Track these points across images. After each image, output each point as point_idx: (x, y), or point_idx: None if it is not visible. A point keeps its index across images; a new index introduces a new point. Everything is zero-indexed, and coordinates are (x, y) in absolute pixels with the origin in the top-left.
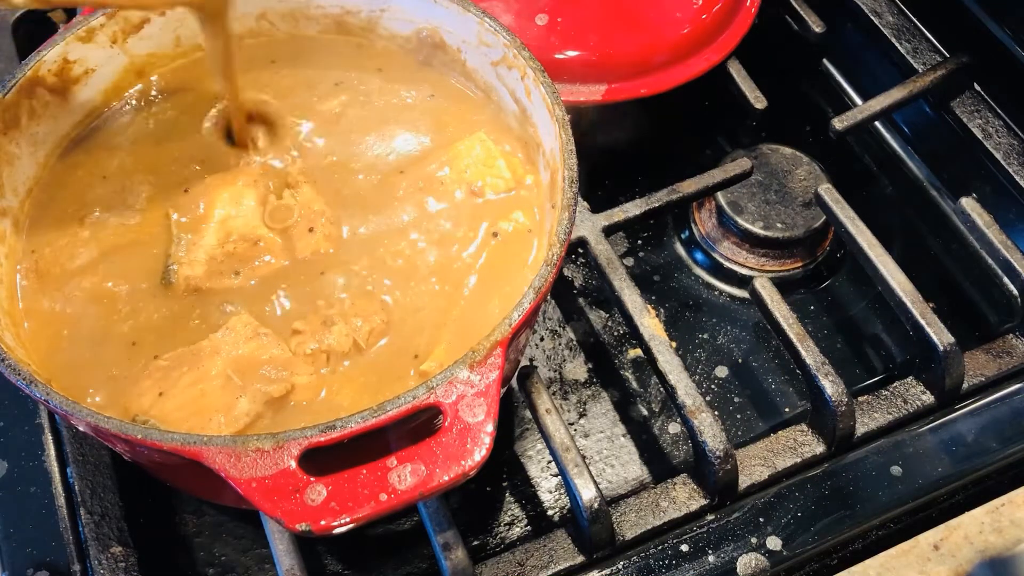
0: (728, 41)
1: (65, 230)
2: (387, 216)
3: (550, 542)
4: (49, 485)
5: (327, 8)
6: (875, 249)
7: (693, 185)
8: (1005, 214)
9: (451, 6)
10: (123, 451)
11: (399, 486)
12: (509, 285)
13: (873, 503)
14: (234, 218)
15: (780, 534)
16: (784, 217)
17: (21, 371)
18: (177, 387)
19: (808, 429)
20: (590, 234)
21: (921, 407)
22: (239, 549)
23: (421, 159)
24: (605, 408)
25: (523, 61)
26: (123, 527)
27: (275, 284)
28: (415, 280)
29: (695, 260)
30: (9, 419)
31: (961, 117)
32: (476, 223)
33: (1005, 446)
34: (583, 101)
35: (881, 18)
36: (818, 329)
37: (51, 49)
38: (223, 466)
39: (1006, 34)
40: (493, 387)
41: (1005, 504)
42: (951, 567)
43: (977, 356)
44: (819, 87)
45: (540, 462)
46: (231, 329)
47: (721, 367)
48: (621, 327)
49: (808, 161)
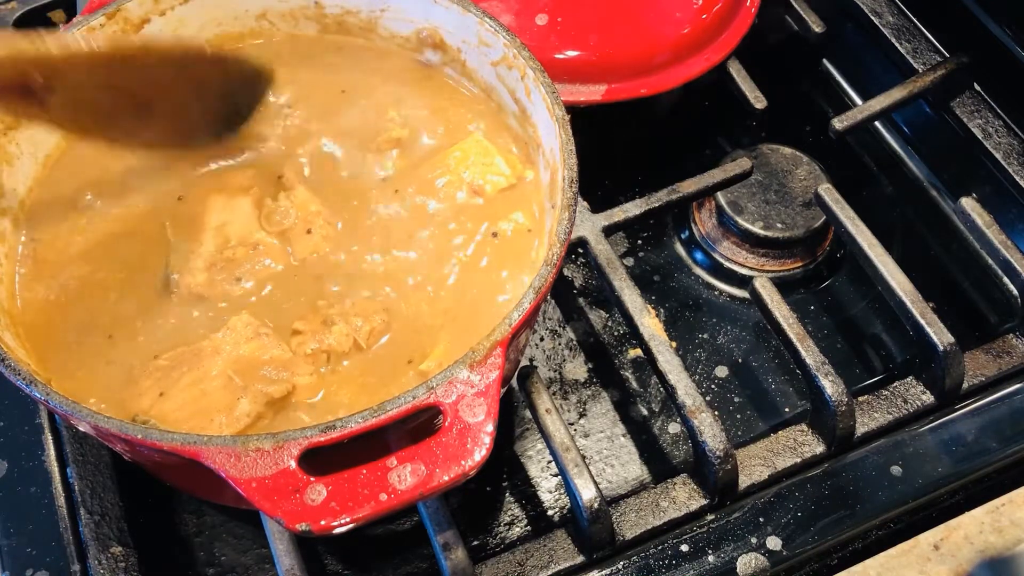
0: (728, 41)
1: (65, 225)
2: (386, 216)
3: (550, 542)
4: (49, 485)
5: (327, 8)
6: (875, 249)
7: (693, 185)
8: (1005, 214)
9: (451, 6)
10: (123, 451)
11: (399, 486)
12: (509, 285)
13: (873, 503)
14: (231, 223)
15: (780, 534)
16: (784, 217)
17: (21, 371)
18: (177, 387)
19: (808, 429)
20: (590, 234)
21: (921, 407)
22: (239, 549)
23: (420, 159)
24: (605, 408)
25: (523, 61)
26: (123, 527)
27: (275, 285)
28: (415, 280)
29: (695, 260)
30: (9, 419)
31: (961, 117)
32: (476, 223)
33: (1005, 446)
34: (583, 101)
35: (881, 18)
36: (818, 329)
37: None
38: (223, 466)
39: (1006, 34)
40: (493, 387)
41: (1005, 504)
42: (951, 567)
43: (977, 356)
44: (819, 87)
45: (540, 462)
46: (232, 329)
47: (721, 367)
48: (621, 327)
49: (808, 161)
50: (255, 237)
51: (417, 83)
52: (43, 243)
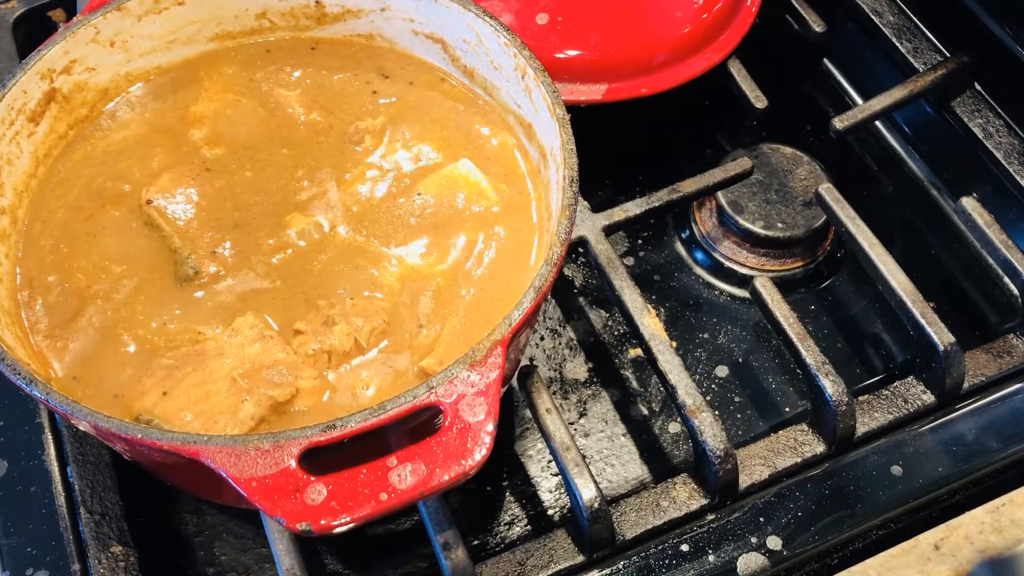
0: (729, 40)
1: (65, 221)
2: (386, 216)
3: (550, 542)
4: (49, 485)
5: (328, 7)
6: (875, 249)
7: (693, 184)
8: (1006, 214)
9: (451, 5)
10: (123, 450)
11: (399, 485)
12: (509, 285)
13: (873, 503)
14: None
15: (780, 534)
16: (784, 216)
17: (21, 371)
18: (181, 387)
19: (808, 429)
20: (590, 233)
21: (921, 407)
22: (239, 549)
23: (419, 160)
24: (605, 408)
25: (523, 60)
26: (123, 527)
27: (276, 286)
28: (415, 280)
29: (695, 260)
30: (9, 419)
31: (962, 117)
32: (476, 223)
33: (1005, 446)
34: (583, 101)
35: (882, 17)
36: (818, 329)
37: (51, 48)
38: (223, 465)
39: (1006, 34)
40: (493, 386)
41: (1005, 504)
42: (951, 567)
43: (978, 356)
44: (820, 87)
45: (540, 462)
46: (237, 331)
47: (721, 367)
48: (621, 326)
49: (809, 160)
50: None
51: (417, 83)
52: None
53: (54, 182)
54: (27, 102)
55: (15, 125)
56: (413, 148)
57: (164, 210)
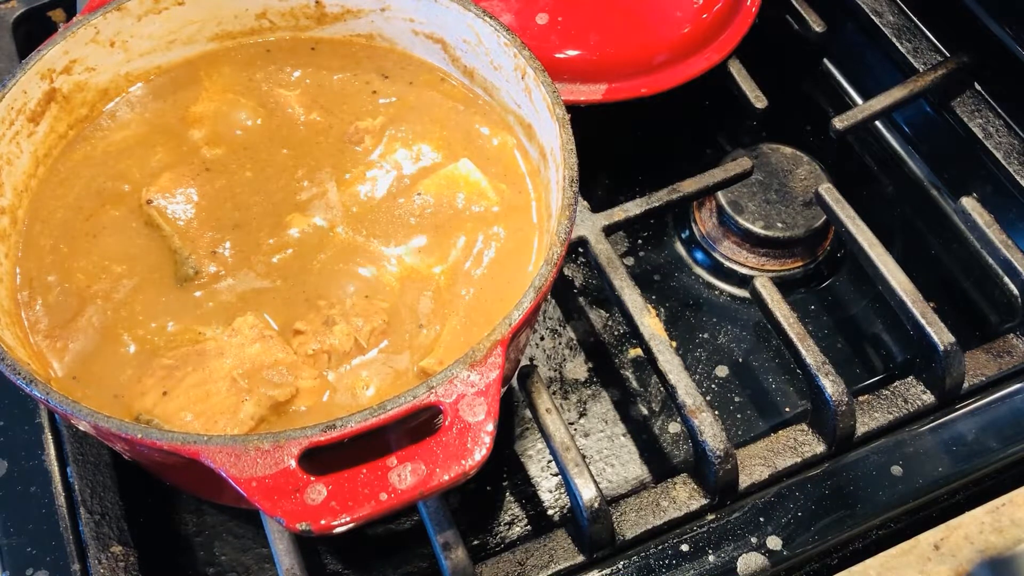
0: (728, 40)
1: (65, 221)
2: (386, 216)
3: (550, 542)
4: (49, 485)
5: (327, 7)
6: (875, 249)
7: (693, 184)
8: (1006, 213)
9: (451, 5)
10: (123, 450)
11: (399, 485)
12: (509, 285)
13: (873, 503)
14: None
15: (780, 534)
16: (784, 216)
17: (21, 371)
18: (181, 387)
19: (808, 429)
20: (590, 233)
21: (921, 407)
22: (239, 549)
23: (419, 160)
24: (605, 408)
25: (523, 61)
26: (123, 527)
27: (276, 286)
28: (415, 280)
29: (695, 260)
30: (9, 419)
31: (962, 117)
32: (476, 223)
33: (1005, 446)
34: (583, 100)
35: (882, 17)
36: (818, 329)
37: (51, 48)
38: (223, 465)
39: (1006, 34)
40: (493, 386)
41: (1006, 504)
42: (951, 567)
43: (978, 356)
44: (820, 87)
45: (540, 462)
46: (237, 331)
47: (721, 367)
48: (621, 326)
49: (809, 160)
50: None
51: (416, 83)
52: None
53: (54, 182)
54: (27, 102)
55: (15, 125)
56: (413, 148)
57: (164, 210)
